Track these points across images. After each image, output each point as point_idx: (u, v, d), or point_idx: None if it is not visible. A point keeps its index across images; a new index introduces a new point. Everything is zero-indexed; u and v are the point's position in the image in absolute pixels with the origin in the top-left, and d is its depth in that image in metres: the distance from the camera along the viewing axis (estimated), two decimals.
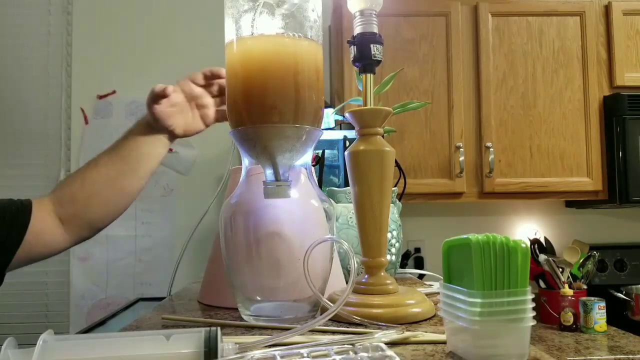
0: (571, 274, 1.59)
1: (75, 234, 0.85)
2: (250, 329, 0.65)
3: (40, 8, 2.20)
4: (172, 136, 0.86)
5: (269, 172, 0.66)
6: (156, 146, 0.85)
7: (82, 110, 2.17)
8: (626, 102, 1.94)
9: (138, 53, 2.20)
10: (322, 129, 0.69)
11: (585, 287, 1.57)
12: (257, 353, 0.46)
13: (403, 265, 2.11)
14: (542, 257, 1.59)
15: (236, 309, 0.71)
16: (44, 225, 0.81)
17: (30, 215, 0.80)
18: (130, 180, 0.84)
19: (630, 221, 2.33)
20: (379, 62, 0.72)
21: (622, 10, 2.02)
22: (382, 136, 0.73)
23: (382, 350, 0.47)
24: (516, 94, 1.99)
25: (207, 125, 0.89)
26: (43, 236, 0.82)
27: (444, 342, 0.56)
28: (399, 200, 1.24)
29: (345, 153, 0.72)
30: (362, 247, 0.72)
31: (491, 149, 1.94)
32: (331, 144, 1.55)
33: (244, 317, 0.69)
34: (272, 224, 0.67)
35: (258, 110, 0.64)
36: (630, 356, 1.24)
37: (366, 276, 0.72)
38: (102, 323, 1.50)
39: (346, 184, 1.44)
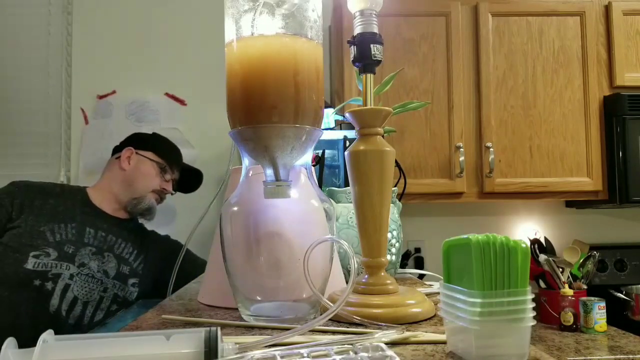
0: (571, 274, 1.59)
1: None
2: (250, 329, 0.65)
3: (40, 8, 2.20)
4: None
5: (269, 172, 0.66)
6: None
7: (82, 110, 2.17)
8: (626, 102, 1.94)
9: (138, 53, 2.20)
10: (322, 129, 0.69)
11: (585, 287, 1.57)
12: (257, 353, 0.46)
13: (403, 265, 2.11)
14: (542, 257, 1.59)
15: (236, 309, 0.71)
16: None
17: None
18: None
19: (630, 221, 2.33)
20: (379, 62, 0.72)
21: (622, 10, 2.02)
22: (382, 136, 0.73)
23: (382, 350, 0.47)
24: (516, 94, 1.99)
25: None
26: None
27: (444, 342, 0.56)
28: (399, 200, 1.24)
29: (345, 153, 0.72)
30: (362, 247, 0.72)
31: (491, 149, 1.94)
32: (331, 144, 1.55)
33: (244, 317, 0.69)
34: (272, 224, 0.67)
35: (258, 110, 0.64)
36: (630, 356, 1.24)
37: (366, 276, 0.72)
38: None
39: (346, 184, 1.44)
